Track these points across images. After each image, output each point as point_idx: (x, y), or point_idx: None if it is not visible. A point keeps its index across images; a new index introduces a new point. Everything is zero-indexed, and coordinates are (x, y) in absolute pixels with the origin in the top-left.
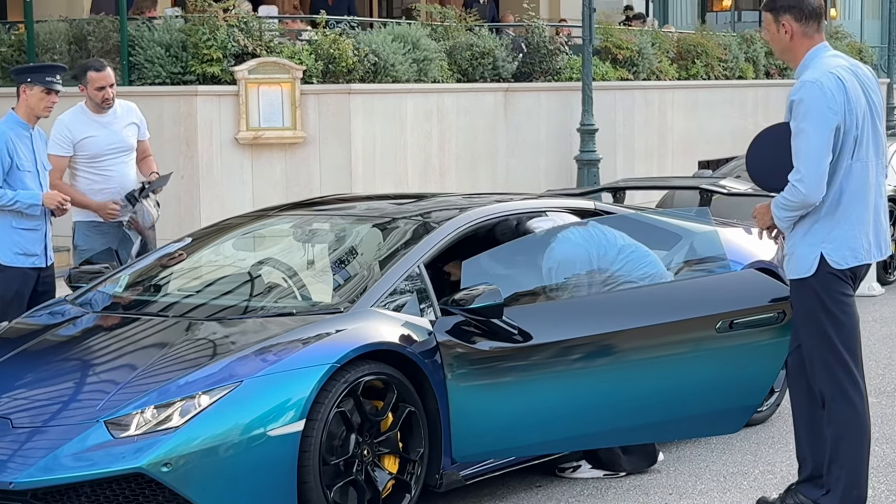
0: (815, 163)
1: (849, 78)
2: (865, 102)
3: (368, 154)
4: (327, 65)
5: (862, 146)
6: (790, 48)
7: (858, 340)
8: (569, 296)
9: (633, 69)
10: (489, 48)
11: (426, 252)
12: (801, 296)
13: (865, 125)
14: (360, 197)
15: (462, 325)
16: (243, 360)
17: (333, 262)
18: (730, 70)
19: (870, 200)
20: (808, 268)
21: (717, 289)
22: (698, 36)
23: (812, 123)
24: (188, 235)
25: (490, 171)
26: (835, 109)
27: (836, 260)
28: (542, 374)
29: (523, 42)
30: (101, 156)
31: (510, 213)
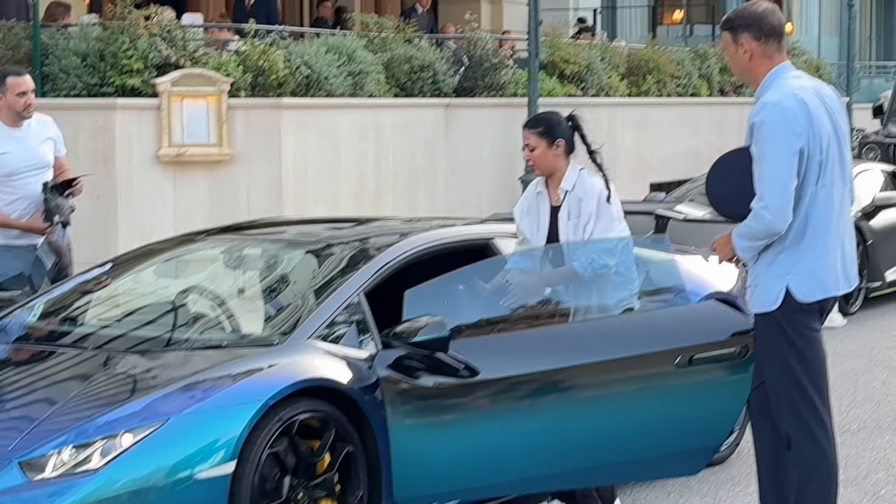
0: (780, 188)
1: (812, 100)
2: (830, 125)
3: (300, 173)
4: (256, 77)
5: (827, 171)
6: (750, 69)
7: (826, 377)
8: (520, 328)
9: (582, 85)
10: (429, 61)
11: (366, 280)
12: (766, 330)
13: (831, 149)
14: (294, 220)
15: (405, 359)
16: (169, 396)
17: (265, 291)
18: (683, 87)
19: (836, 228)
20: (773, 301)
21: (675, 321)
22: (650, 51)
23: (775, 147)
24: (108, 261)
25: (429, 192)
26: (798, 132)
27: (802, 292)
28: (489, 413)
29: (465, 55)
30: (16, 174)
31: (456, 238)
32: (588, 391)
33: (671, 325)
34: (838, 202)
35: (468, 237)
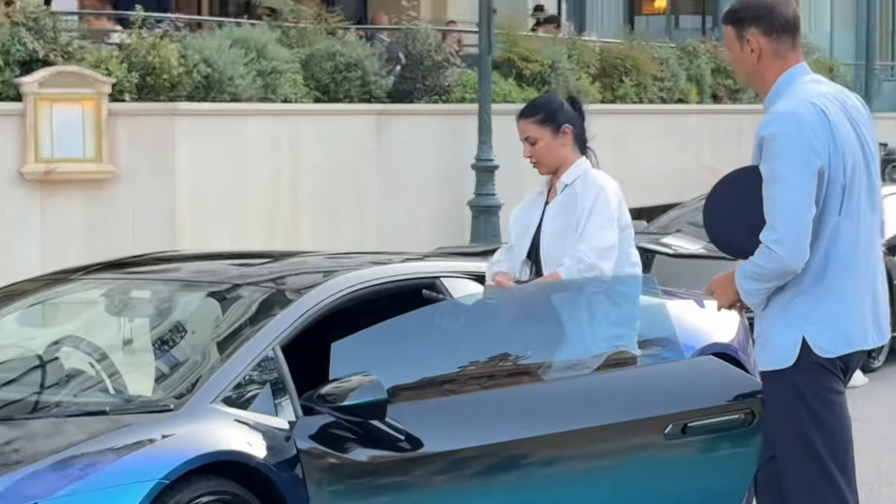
0: (796, 218)
1: (834, 110)
2: (856, 141)
3: (198, 195)
4: (145, 77)
5: (852, 198)
6: (758, 71)
7: (850, 450)
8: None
9: (545, 88)
10: (357, 58)
11: (283, 330)
12: (778, 392)
13: (856, 170)
14: (192, 255)
15: (331, 427)
16: (38, 475)
17: (158, 344)
18: (667, 91)
19: (864, 267)
20: (787, 356)
21: (665, 381)
22: (627, 47)
23: (789, 167)
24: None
25: (357, 218)
26: (817, 149)
27: (823, 346)
28: (436, 494)
29: (401, 51)
30: None
31: (394, 278)
32: (557, 467)
33: (660, 386)
34: (866, 236)
35: (409, 277)
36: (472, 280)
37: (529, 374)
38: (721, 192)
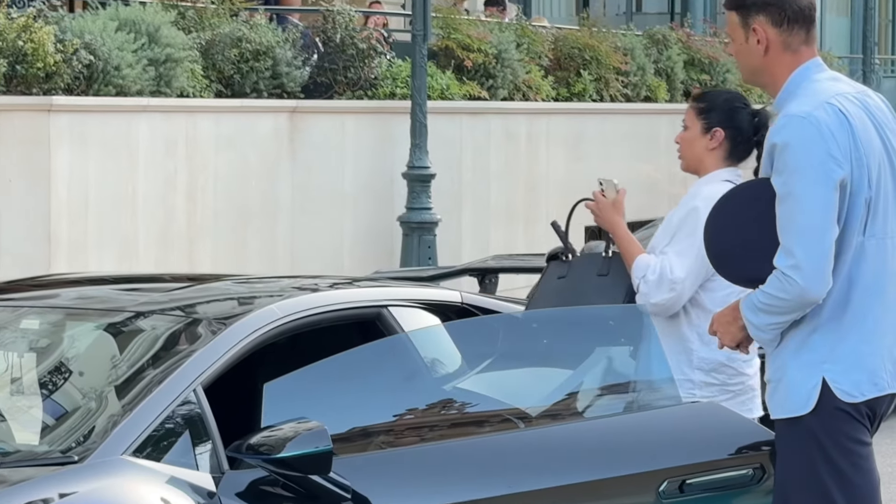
0: (817, 239)
1: (856, 112)
2: (882, 148)
3: (78, 206)
4: (14, 65)
5: (877, 214)
6: (765, 67)
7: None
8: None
9: (490, 83)
10: (267, 45)
11: (207, 368)
12: (794, 443)
13: (883, 182)
14: (100, 278)
15: (263, 483)
16: None
17: (62, 383)
18: (632, 88)
19: (893, 296)
20: (805, 402)
21: (659, 429)
22: (585, 34)
23: (806, 180)
24: None
25: (267, 235)
26: (838, 158)
27: (846, 389)
28: None
29: (319, 37)
30: None
31: (335, 307)
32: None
33: (653, 435)
34: (895, 258)
35: (351, 305)
36: (423, 310)
37: (503, 420)
38: (725, 209)
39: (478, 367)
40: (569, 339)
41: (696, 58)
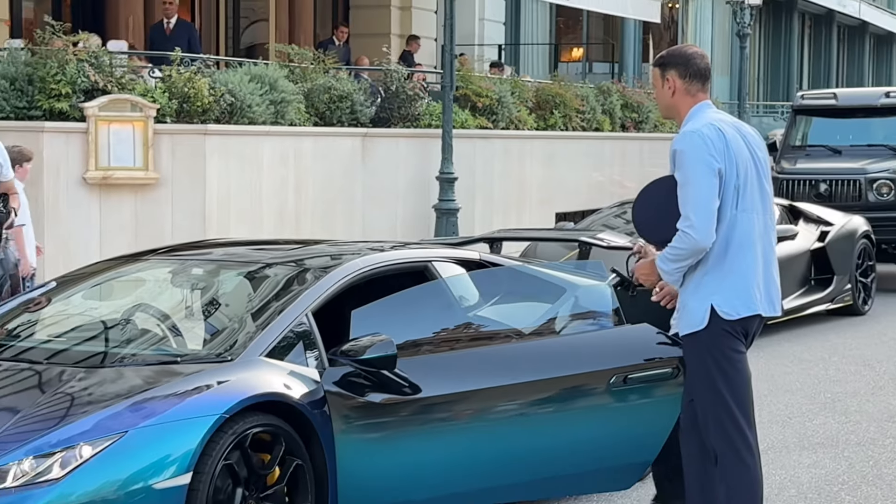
0: (704, 207)
1: (730, 130)
2: (749, 155)
3: (223, 197)
4: (182, 104)
5: (746, 197)
6: (673, 104)
7: (750, 397)
8: (460, 347)
9: (493, 118)
10: (347, 91)
11: (314, 300)
12: (694, 351)
13: (749, 176)
14: (243, 241)
15: (351, 376)
16: (128, 409)
17: (218, 310)
18: (587, 122)
19: (759, 253)
20: (700, 320)
21: (610, 343)
22: (556, 86)
23: (695, 170)
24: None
25: (347, 218)
26: (715, 155)
27: (726, 311)
28: (431, 429)
29: (381, 87)
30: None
31: (397, 262)
32: (527, 409)
33: (606, 347)
34: (760, 228)
35: (408, 260)
36: (454, 264)
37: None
38: (645, 197)
39: (489, 302)
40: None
41: (628, 102)
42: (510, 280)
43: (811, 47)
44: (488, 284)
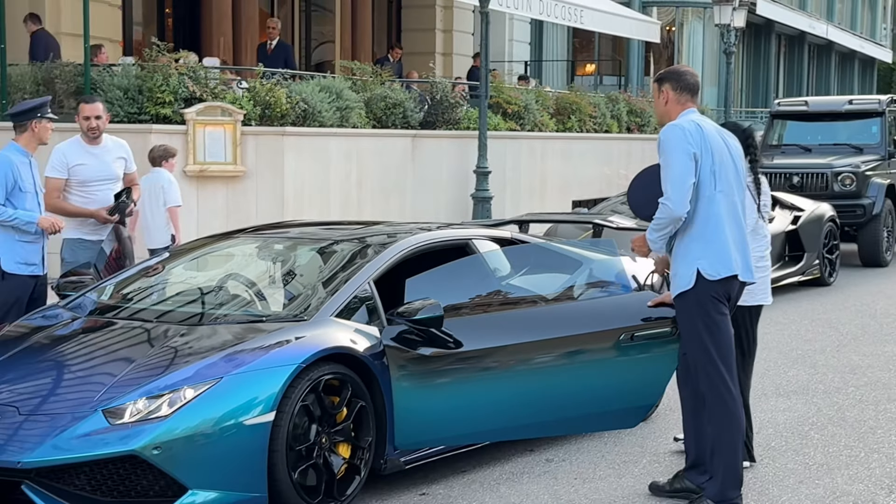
0: (679, 183)
1: (708, 127)
2: (724, 146)
3: (298, 187)
4: (264, 110)
5: (721, 179)
6: (666, 112)
7: (732, 351)
8: (495, 310)
9: (520, 121)
10: (400, 100)
11: (375, 270)
12: (684, 310)
13: (724, 163)
14: (315, 222)
15: (405, 333)
16: (223, 359)
17: (295, 278)
18: (598, 125)
19: (735, 226)
20: (688, 281)
21: (619, 307)
22: (573, 95)
23: (673, 154)
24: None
25: (400, 204)
26: (691, 143)
27: (709, 273)
28: (470, 377)
29: (427, 96)
30: (89, 181)
31: (443, 239)
32: (550, 360)
33: (618, 310)
34: (737, 205)
35: (451, 238)
36: (489, 241)
37: (532, 301)
38: (637, 182)
39: (519, 273)
40: (568, 258)
41: (633, 108)
42: (536, 255)
43: (786, 63)
44: (518, 258)
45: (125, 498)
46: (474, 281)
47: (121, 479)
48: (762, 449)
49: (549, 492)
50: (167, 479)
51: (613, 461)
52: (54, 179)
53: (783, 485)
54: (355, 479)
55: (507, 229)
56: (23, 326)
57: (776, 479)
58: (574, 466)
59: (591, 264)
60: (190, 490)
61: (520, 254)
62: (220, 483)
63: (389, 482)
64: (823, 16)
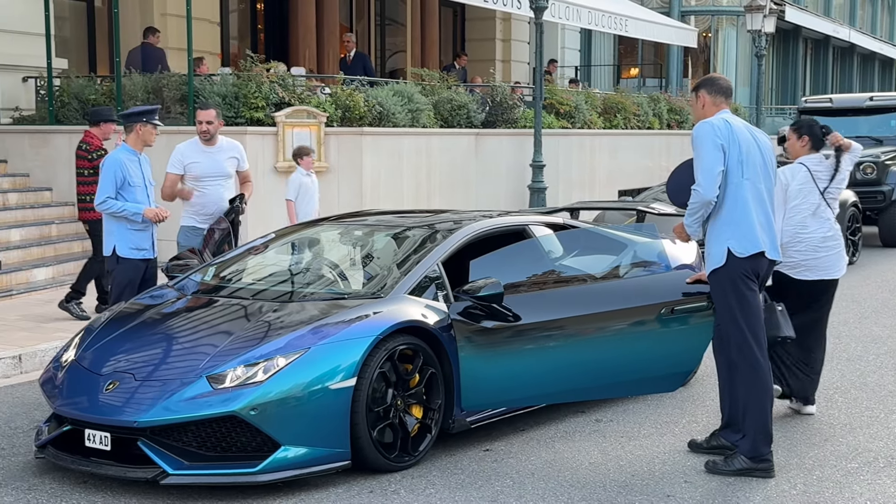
0: (708, 170)
1: (737, 124)
2: (752, 139)
3: (375, 180)
4: (344, 113)
5: (748, 167)
6: (704, 114)
7: (761, 323)
8: (549, 287)
9: (571, 120)
10: (464, 102)
11: (444, 253)
12: (717, 285)
13: (750, 154)
14: (390, 211)
15: (470, 308)
16: (311, 331)
17: (373, 260)
18: (641, 122)
19: (762, 210)
20: (720, 259)
21: (660, 284)
22: (619, 96)
23: (703, 147)
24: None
25: (464, 194)
26: (719, 136)
27: (738, 250)
28: (527, 346)
29: (489, 98)
30: (202, 177)
31: (503, 225)
32: (598, 332)
33: (660, 287)
34: (763, 191)
35: (512, 224)
36: (544, 226)
37: (583, 279)
38: (674, 174)
39: (570, 254)
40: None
41: (672, 107)
42: (586, 238)
43: (812, 64)
44: (569, 241)
45: (226, 453)
46: (531, 262)
47: (223, 437)
48: (790, 413)
49: (599, 448)
50: (262, 436)
51: (656, 421)
52: (172, 175)
53: (810, 442)
54: (427, 437)
55: (559, 216)
56: (136, 304)
57: (804, 438)
58: (621, 426)
59: (635, 246)
60: (282, 446)
61: (571, 237)
62: (308, 440)
63: (457, 440)
64: (846, 21)
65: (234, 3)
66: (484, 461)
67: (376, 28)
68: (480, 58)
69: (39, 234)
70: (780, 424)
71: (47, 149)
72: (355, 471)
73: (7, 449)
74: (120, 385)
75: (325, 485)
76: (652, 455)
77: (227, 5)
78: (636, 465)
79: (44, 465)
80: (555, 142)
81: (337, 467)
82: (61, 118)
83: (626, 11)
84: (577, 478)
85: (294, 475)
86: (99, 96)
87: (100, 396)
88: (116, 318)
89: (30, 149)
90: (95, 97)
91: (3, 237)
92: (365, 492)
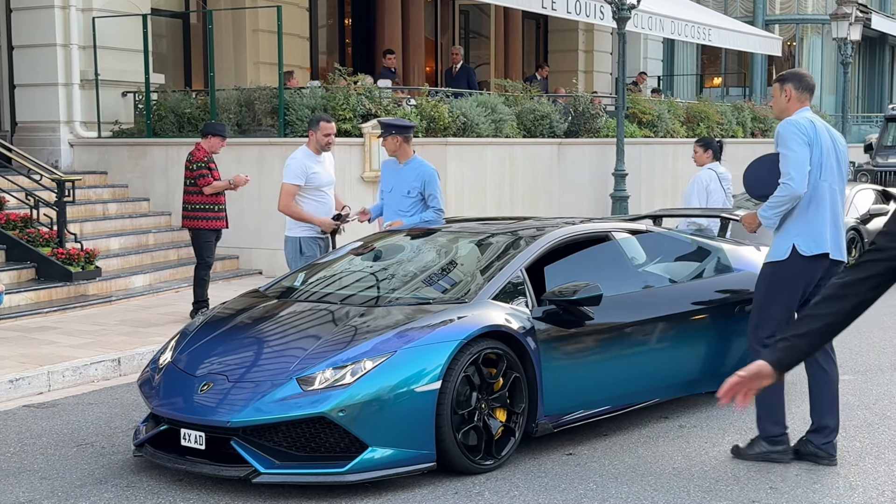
0: (800, 166)
1: (819, 123)
2: (830, 142)
3: (459, 189)
4: (429, 124)
5: (825, 170)
6: (787, 108)
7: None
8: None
9: (654, 129)
10: (547, 113)
11: (527, 259)
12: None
13: (829, 156)
14: (474, 218)
15: (551, 312)
16: (397, 335)
17: (457, 266)
18: (725, 130)
19: (832, 211)
20: (783, 253)
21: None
22: (702, 105)
23: (792, 143)
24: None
25: (547, 202)
26: (804, 135)
27: (804, 249)
28: (607, 350)
29: (571, 108)
30: (322, 186)
31: (586, 231)
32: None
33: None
34: (836, 194)
35: (594, 231)
36: (626, 232)
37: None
38: (752, 167)
39: (653, 260)
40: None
41: (756, 116)
42: (667, 244)
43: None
44: (652, 247)
45: (315, 453)
46: (613, 267)
47: (312, 437)
48: (879, 419)
49: (682, 453)
50: (350, 437)
51: (741, 428)
52: (291, 185)
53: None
54: (510, 441)
55: (642, 223)
56: (228, 309)
57: (892, 444)
58: (704, 432)
59: (707, 250)
60: (370, 447)
61: (653, 243)
62: (394, 441)
63: (540, 443)
64: None
65: (323, 19)
66: (567, 465)
67: (461, 41)
68: (563, 69)
69: (137, 242)
70: (868, 432)
71: (145, 161)
72: (440, 472)
73: (107, 448)
74: (214, 386)
75: (411, 486)
76: (736, 461)
77: (317, 21)
78: (720, 471)
79: (141, 463)
80: (637, 150)
81: (422, 469)
82: (158, 131)
83: (710, 21)
84: (660, 483)
85: (381, 476)
86: (194, 110)
87: (195, 397)
88: (210, 321)
89: (128, 161)
90: (191, 111)
91: (102, 245)
92: (450, 493)
